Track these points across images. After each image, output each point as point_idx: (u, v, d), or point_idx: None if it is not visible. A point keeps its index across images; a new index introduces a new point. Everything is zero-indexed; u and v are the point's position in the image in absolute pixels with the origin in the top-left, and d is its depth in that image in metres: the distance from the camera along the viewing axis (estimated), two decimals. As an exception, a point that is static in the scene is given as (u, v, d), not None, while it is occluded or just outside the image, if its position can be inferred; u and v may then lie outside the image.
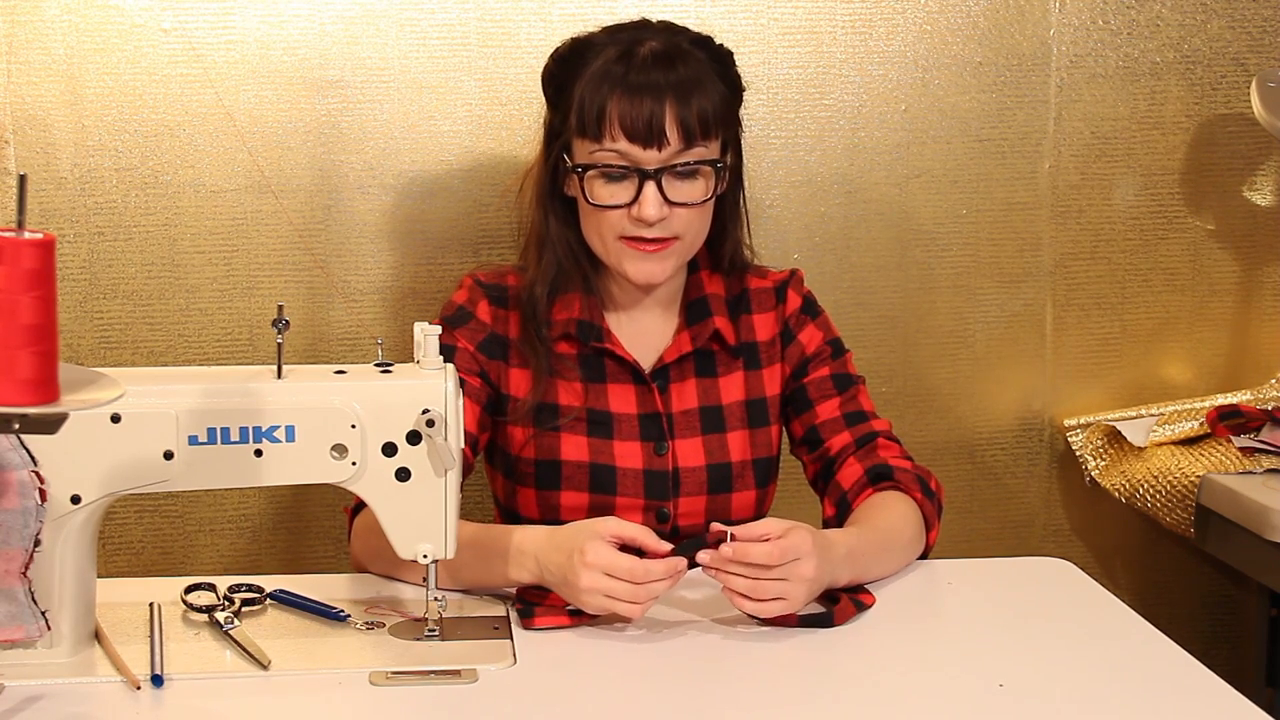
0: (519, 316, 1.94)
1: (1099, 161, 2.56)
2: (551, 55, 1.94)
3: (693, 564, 1.62)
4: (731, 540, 1.59)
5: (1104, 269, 2.59)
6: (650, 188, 1.82)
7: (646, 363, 1.94)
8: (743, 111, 1.97)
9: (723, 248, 1.98)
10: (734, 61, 1.93)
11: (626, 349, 1.93)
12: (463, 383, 1.87)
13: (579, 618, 1.62)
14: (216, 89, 2.33)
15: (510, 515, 1.96)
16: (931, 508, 1.87)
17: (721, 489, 1.93)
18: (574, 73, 1.88)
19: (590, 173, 1.85)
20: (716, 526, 1.61)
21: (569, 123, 1.87)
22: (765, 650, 1.58)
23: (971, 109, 2.51)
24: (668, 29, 1.91)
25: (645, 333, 1.96)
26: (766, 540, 1.59)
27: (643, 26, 1.91)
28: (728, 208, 1.96)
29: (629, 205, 1.83)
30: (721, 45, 1.93)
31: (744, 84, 1.95)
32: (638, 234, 1.85)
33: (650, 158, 1.82)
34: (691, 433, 1.93)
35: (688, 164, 1.84)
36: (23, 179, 1.26)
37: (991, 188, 2.54)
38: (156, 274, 2.36)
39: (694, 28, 1.95)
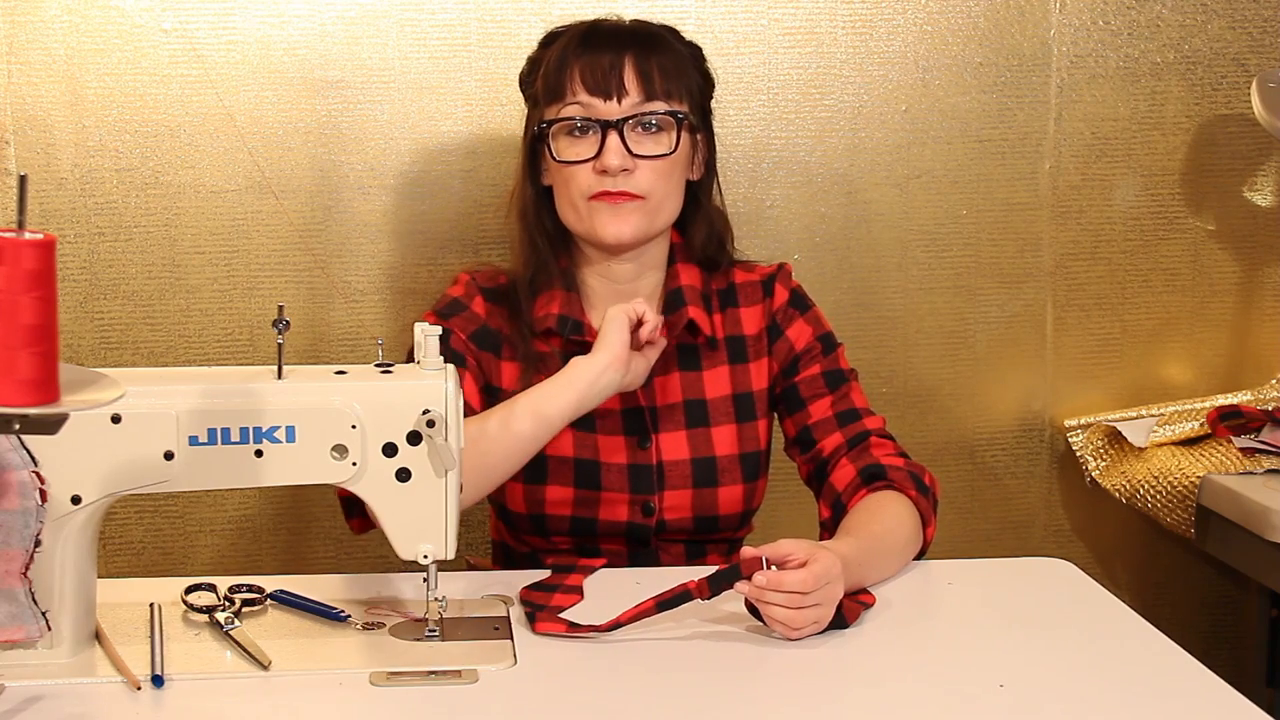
0: (509, 312, 1.95)
1: (1099, 162, 2.56)
2: (527, 57, 2.02)
3: (718, 588, 1.61)
4: (768, 566, 1.59)
5: (1104, 269, 2.59)
6: (612, 137, 1.86)
7: None
8: (743, 111, 1.98)
9: (694, 234, 1.98)
10: (704, 56, 2.00)
11: None
12: (463, 359, 1.89)
13: (577, 629, 1.61)
14: (217, 89, 2.33)
15: (498, 508, 1.97)
16: (927, 504, 1.87)
17: (707, 483, 1.93)
18: (541, 57, 1.97)
19: (555, 128, 1.90)
20: (749, 552, 1.60)
21: (537, 97, 1.94)
22: (765, 651, 1.58)
23: (972, 109, 2.51)
24: (637, 19, 2.00)
25: None
26: (790, 560, 1.59)
27: (614, 18, 1.99)
28: (702, 195, 1.98)
29: (593, 159, 1.86)
30: (692, 40, 2.00)
31: (714, 79, 2.01)
32: (603, 189, 1.87)
33: (611, 109, 1.87)
34: (675, 426, 1.94)
35: (648, 114, 1.87)
36: (23, 179, 1.26)
37: (992, 188, 2.54)
38: (157, 274, 2.36)
39: (694, 28, 1.97)
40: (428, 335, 1.56)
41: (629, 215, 1.88)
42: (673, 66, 1.91)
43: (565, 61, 1.90)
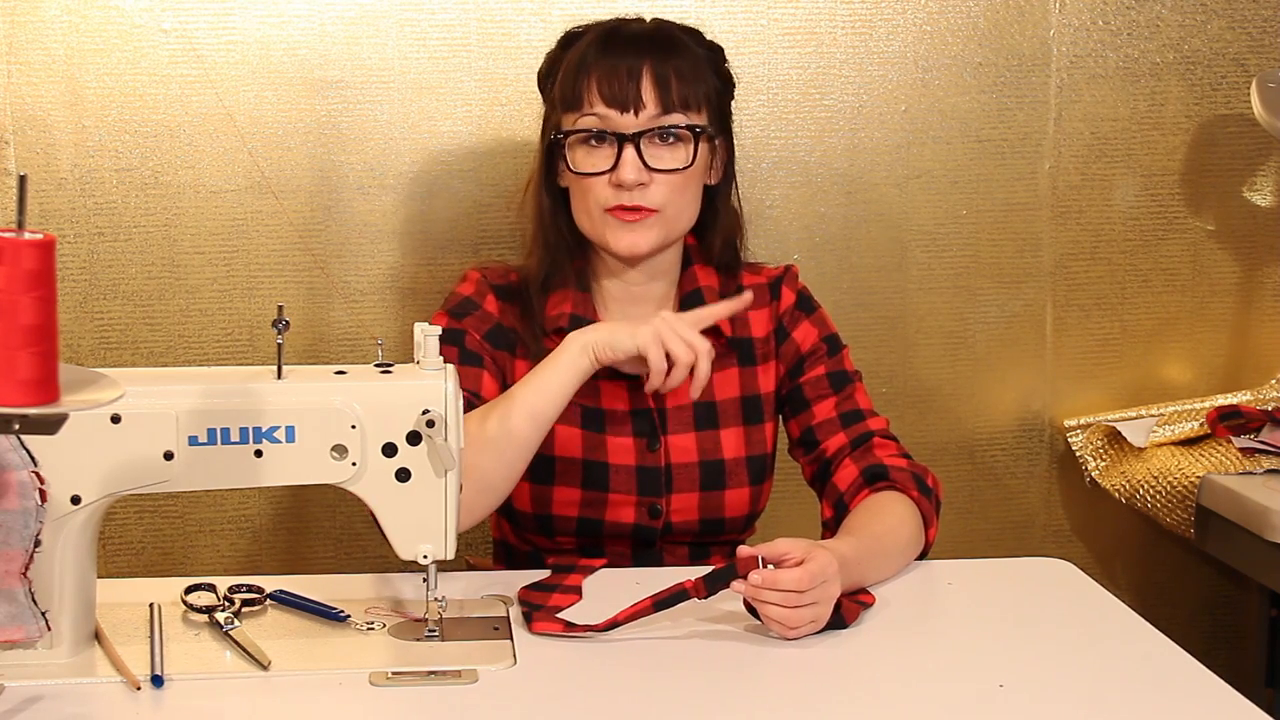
0: (520, 310, 1.95)
1: (1099, 162, 2.56)
2: (546, 54, 1.99)
3: (714, 587, 1.61)
4: (763, 565, 1.59)
5: (1104, 269, 2.59)
6: (629, 151, 1.85)
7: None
8: (743, 111, 1.98)
9: (712, 237, 1.98)
10: (725, 57, 1.98)
11: None
12: (480, 359, 1.88)
13: (575, 629, 1.61)
14: (216, 89, 2.33)
15: (504, 508, 1.96)
16: (929, 505, 1.87)
17: (714, 486, 1.93)
18: (561, 58, 1.93)
19: (571, 138, 1.88)
20: (745, 551, 1.60)
21: (555, 102, 1.91)
22: (763, 650, 1.58)
23: (971, 109, 2.51)
24: (657, 20, 1.96)
25: None
26: (787, 559, 1.59)
27: (633, 18, 1.96)
28: (720, 199, 1.97)
29: (609, 172, 1.85)
30: (713, 41, 1.97)
31: (735, 80, 1.99)
32: (619, 202, 1.86)
33: (628, 122, 1.85)
34: (684, 428, 1.94)
35: (665, 128, 1.86)
36: (23, 179, 1.26)
37: (991, 188, 2.54)
38: (156, 274, 2.36)
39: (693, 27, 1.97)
40: (427, 335, 1.56)
41: (645, 230, 1.88)
42: (691, 73, 1.88)
43: (583, 69, 1.87)
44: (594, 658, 1.56)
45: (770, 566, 1.58)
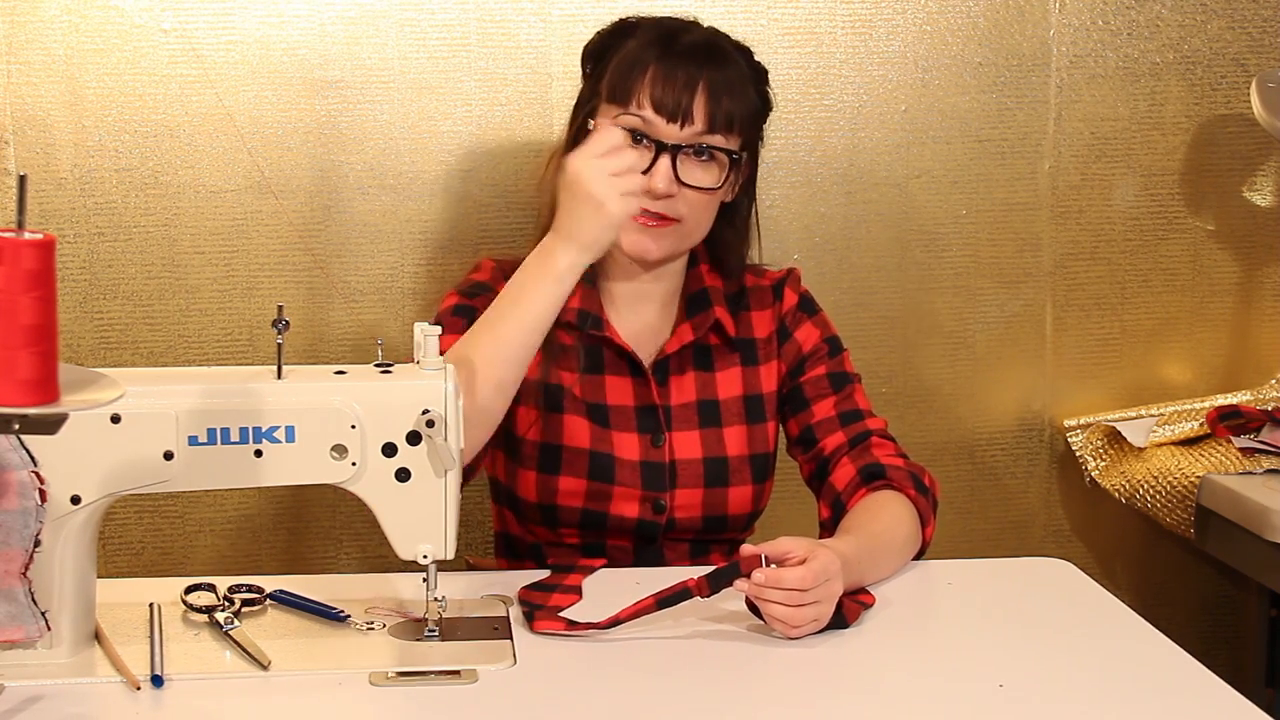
0: None
1: (1099, 162, 2.56)
2: (597, 31, 1.98)
3: (717, 586, 1.61)
4: (767, 564, 1.59)
5: (1104, 269, 2.59)
6: (664, 161, 1.85)
7: (645, 356, 1.95)
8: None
9: (727, 255, 1.99)
10: (768, 79, 1.98)
11: (625, 341, 1.94)
12: None
13: (578, 626, 1.61)
14: (216, 89, 2.33)
15: (509, 497, 1.96)
16: (926, 504, 1.87)
17: (717, 483, 1.94)
18: (615, 45, 1.93)
19: None
20: (748, 550, 1.60)
21: (600, 89, 1.90)
22: (765, 650, 1.58)
23: (971, 109, 2.51)
24: (713, 29, 1.96)
25: (644, 328, 1.97)
26: (790, 558, 1.59)
27: (690, 21, 1.96)
28: (739, 218, 1.98)
29: (641, 173, 1.84)
30: (760, 62, 1.98)
31: (773, 103, 2.00)
32: (641, 206, 1.85)
33: (671, 133, 1.85)
34: (689, 426, 1.94)
35: (705, 147, 1.86)
36: (23, 179, 1.26)
37: (991, 188, 2.54)
38: (156, 274, 2.36)
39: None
40: (427, 335, 1.56)
41: (658, 238, 1.88)
42: (740, 95, 1.88)
43: (640, 66, 1.86)
44: (594, 658, 1.56)
45: (773, 565, 1.58)
